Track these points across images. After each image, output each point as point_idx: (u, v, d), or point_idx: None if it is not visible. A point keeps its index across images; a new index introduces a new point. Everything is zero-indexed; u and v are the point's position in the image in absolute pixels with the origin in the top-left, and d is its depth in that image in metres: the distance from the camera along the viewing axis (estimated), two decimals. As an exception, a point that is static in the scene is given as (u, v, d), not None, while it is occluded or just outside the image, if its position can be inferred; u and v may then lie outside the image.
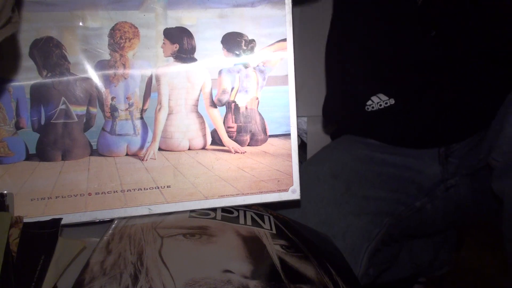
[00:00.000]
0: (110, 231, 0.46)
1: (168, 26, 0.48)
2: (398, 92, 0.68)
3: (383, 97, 0.68)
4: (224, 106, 0.51)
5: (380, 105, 0.68)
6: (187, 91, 0.50)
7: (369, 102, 0.69)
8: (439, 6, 0.64)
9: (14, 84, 0.46)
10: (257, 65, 0.51)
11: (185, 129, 0.50)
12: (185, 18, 0.49)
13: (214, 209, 0.51)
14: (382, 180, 0.72)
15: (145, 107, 0.49)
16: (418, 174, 0.73)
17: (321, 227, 0.65)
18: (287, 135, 0.53)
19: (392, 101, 0.68)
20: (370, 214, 0.67)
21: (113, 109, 0.48)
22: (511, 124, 0.55)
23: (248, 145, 0.52)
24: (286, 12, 0.50)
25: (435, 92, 0.67)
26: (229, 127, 0.52)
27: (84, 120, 0.48)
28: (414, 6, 0.64)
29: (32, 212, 0.46)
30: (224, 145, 0.52)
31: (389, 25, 0.67)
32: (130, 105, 0.49)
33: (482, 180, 0.69)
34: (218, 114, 0.51)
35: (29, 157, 0.47)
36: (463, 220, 0.78)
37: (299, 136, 0.98)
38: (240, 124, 0.52)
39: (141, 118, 0.49)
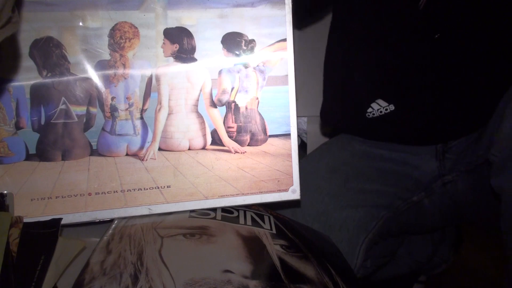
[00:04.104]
0: (110, 231, 0.46)
1: (168, 26, 0.48)
2: (397, 97, 0.68)
3: (383, 103, 0.68)
4: (224, 106, 0.51)
5: (381, 111, 0.69)
6: (187, 91, 0.50)
7: (370, 110, 0.70)
8: (442, 9, 0.63)
9: (14, 84, 0.46)
10: (257, 65, 0.51)
11: (185, 129, 0.50)
12: (185, 18, 0.49)
13: (214, 209, 0.51)
14: (380, 175, 0.72)
15: (145, 107, 0.49)
16: (415, 169, 0.74)
17: (319, 218, 0.65)
18: (287, 135, 0.53)
19: (392, 107, 0.68)
20: (367, 207, 0.68)
21: (113, 109, 0.48)
22: (509, 120, 0.55)
23: (248, 145, 0.52)
24: (286, 12, 0.50)
25: (433, 93, 0.67)
26: (229, 127, 0.52)
27: (84, 120, 0.48)
28: (416, 11, 0.63)
29: (32, 212, 0.46)
30: (224, 145, 0.52)
31: (389, 30, 0.67)
32: (130, 105, 0.49)
33: (481, 176, 0.69)
34: (218, 114, 0.51)
35: (29, 157, 0.47)
36: (462, 216, 0.78)
37: (299, 136, 0.98)
38: (240, 124, 0.52)
39: (141, 118, 0.49)
